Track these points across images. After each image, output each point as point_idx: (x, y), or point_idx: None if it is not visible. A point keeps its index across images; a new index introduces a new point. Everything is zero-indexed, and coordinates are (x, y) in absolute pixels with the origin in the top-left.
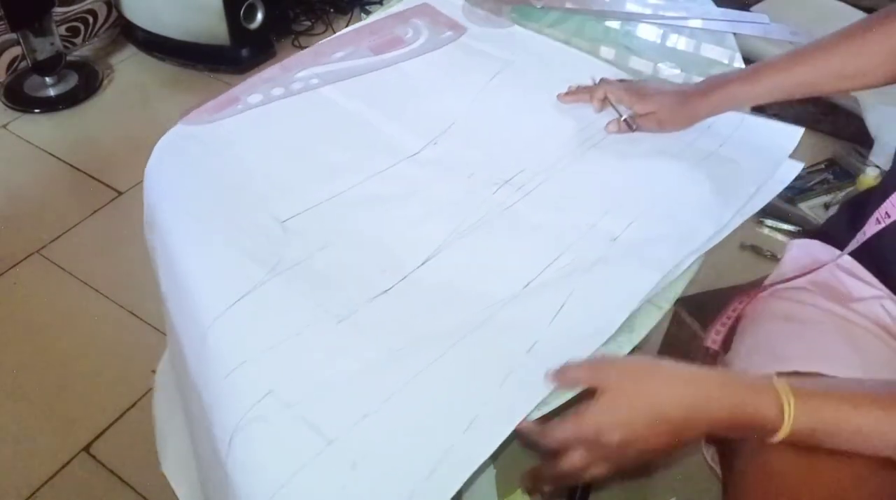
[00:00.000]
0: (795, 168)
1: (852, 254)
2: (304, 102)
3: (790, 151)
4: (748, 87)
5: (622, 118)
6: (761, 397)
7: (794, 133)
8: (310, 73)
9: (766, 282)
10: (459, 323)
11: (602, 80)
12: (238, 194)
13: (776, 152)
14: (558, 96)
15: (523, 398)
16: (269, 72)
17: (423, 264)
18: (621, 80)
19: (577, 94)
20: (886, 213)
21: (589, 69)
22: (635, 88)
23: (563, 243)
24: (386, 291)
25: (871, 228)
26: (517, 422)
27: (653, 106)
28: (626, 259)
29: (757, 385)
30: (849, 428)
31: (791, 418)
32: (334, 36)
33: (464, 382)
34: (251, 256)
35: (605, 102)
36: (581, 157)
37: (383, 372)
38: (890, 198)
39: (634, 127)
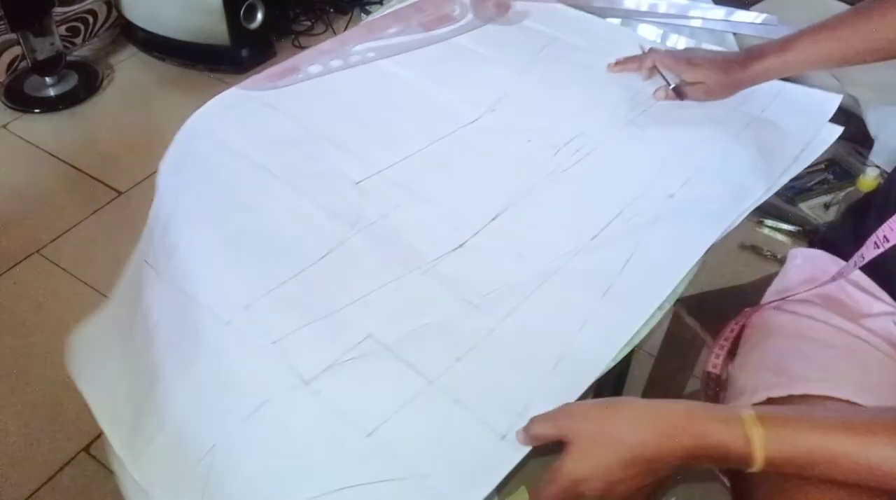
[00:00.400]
0: (835, 131)
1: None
2: (362, 73)
3: (829, 116)
4: (782, 57)
5: (670, 87)
6: (726, 427)
7: (832, 99)
8: (365, 47)
9: (769, 293)
10: (534, 273)
11: (651, 49)
12: (306, 154)
13: (816, 117)
14: (608, 66)
15: (603, 343)
16: (327, 44)
17: (492, 220)
18: (669, 50)
19: (625, 63)
20: (885, 237)
21: (633, 43)
22: (684, 56)
23: (624, 200)
24: (461, 245)
25: (869, 253)
26: (603, 366)
27: (701, 75)
28: (686, 214)
29: (722, 416)
30: (823, 456)
31: (761, 448)
32: (383, 14)
33: (544, 327)
34: (332, 212)
35: (653, 70)
36: (632, 122)
37: (470, 319)
38: (888, 222)
39: (683, 97)
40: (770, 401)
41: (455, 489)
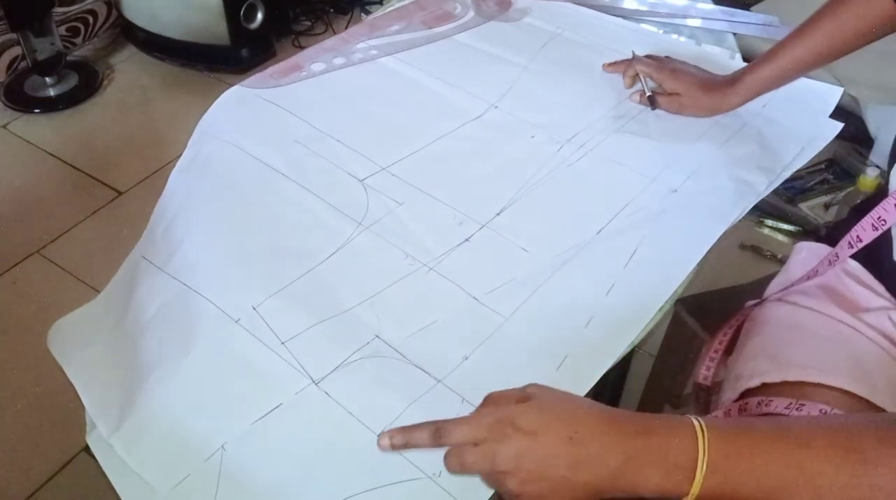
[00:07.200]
0: (836, 127)
1: (858, 259)
2: (365, 70)
3: (831, 110)
4: (772, 66)
5: (647, 94)
6: (675, 422)
7: (833, 92)
8: (368, 44)
9: (772, 285)
10: (539, 268)
11: (636, 57)
12: (311, 152)
13: (818, 112)
14: (603, 66)
15: (609, 339)
16: (329, 42)
17: (497, 215)
18: (656, 57)
19: (614, 66)
20: (858, 237)
21: (635, 38)
22: (669, 65)
23: (628, 195)
24: (467, 240)
25: (843, 252)
26: (609, 362)
27: (679, 87)
28: (691, 209)
29: (672, 417)
30: (764, 464)
31: (706, 443)
32: (384, 12)
33: (550, 323)
34: (339, 210)
35: (635, 78)
36: (635, 117)
37: (477, 316)
38: (860, 222)
39: (654, 106)
40: (765, 386)
41: (465, 486)
